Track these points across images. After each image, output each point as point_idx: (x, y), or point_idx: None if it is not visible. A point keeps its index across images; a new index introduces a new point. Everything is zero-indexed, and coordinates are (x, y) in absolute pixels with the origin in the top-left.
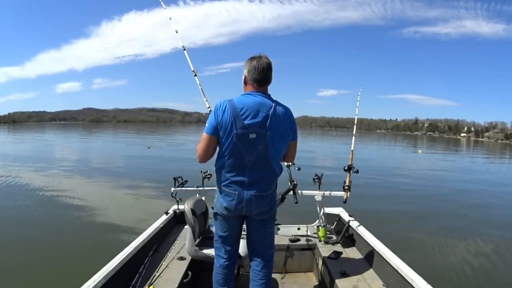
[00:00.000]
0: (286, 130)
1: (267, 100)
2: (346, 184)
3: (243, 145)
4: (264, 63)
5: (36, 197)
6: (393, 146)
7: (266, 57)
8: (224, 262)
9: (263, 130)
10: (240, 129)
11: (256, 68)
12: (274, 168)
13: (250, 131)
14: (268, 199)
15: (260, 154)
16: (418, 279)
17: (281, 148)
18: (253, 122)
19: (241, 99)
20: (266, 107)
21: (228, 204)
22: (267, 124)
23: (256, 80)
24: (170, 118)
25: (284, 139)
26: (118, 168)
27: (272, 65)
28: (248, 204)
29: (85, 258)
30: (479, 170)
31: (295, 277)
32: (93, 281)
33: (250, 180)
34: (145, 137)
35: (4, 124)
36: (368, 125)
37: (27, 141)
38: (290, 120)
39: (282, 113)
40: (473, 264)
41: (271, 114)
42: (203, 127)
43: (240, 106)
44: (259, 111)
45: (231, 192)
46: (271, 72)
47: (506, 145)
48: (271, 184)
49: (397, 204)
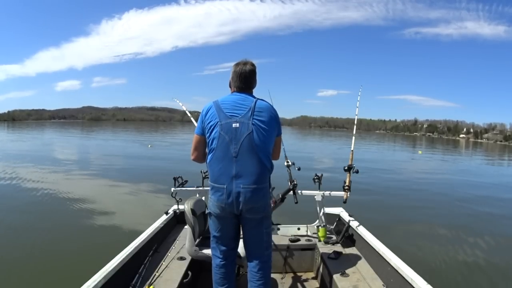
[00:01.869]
0: (270, 122)
1: (249, 97)
2: (346, 184)
3: (227, 135)
4: (245, 70)
5: (36, 196)
6: (392, 146)
7: (250, 63)
8: (220, 261)
9: (245, 120)
10: (223, 119)
11: (238, 75)
12: (262, 160)
13: (233, 121)
14: (260, 195)
15: (245, 143)
16: (418, 279)
17: (266, 140)
18: (235, 113)
19: (225, 97)
20: (248, 101)
21: (219, 200)
22: (249, 114)
23: (237, 87)
24: (170, 117)
25: (269, 132)
26: (118, 167)
27: (256, 70)
28: (237, 197)
29: (85, 258)
30: (480, 170)
31: (295, 277)
32: (93, 281)
33: (237, 171)
34: (145, 136)
35: (3, 122)
36: (367, 125)
37: (26, 139)
38: (272, 113)
39: (264, 106)
40: (473, 264)
41: (253, 106)
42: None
43: (223, 102)
44: (241, 104)
45: (220, 187)
46: (253, 79)
47: (505, 147)
48: (261, 178)
49: (397, 204)
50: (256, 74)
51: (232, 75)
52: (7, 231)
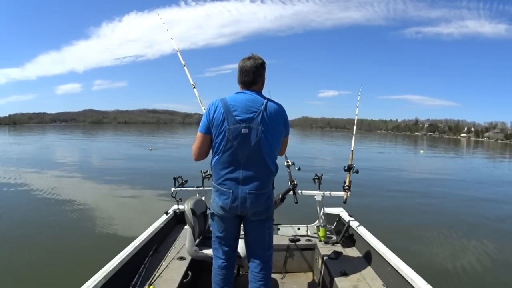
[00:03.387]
0: (279, 126)
1: (259, 97)
2: (346, 184)
3: (235, 140)
4: (249, 65)
5: (37, 197)
6: (394, 146)
7: (255, 58)
8: (222, 262)
9: (255, 125)
10: (232, 124)
11: (241, 70)
12: (269, 165)
13: (242, 126)
14: (264, 199)
15: (253, 150)
16: (418, 279)
17: (274, 144)
18: (245, 118)
19: (233, 96)
20: (258, 103)
21: (223, 203)
22: (259, 119)
23: (241, 82)
24: (171, 120)
25: (277, 135)
26: (118, 169)
27: (265, 65)
28: (243, 203)
29: (85, 258)
30: (481, 170)
31: (295, 277)
32: (93, 281)
33: (244, 176)
34: (146, 139)
35: (4, 125)
36: (368, 125)
37: (27, 143)
38: (282, 116)
39: (274, 109)
40: (474, 264)
41: (263, 109)
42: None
43: (232, 103)
44: (251, 107)
45: (226, 190)
46: (259, 73)
47: (506, 145)
48: (267, 183)
49: (397, 204)
50: (264, 69)
51: (238, 70)
52: (7, 231)
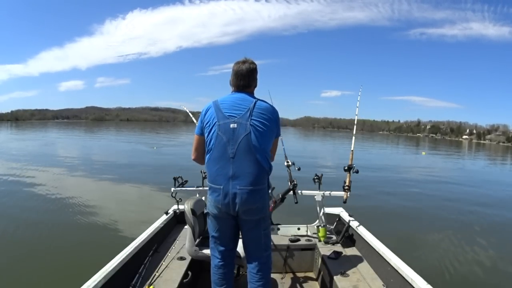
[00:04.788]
0: (270, 123)
1: (249, 97)
2: (346, 184)
3: (225, 135)
4: (244, 69)
5: (37, 196)
6: (395, 147)
7: (249, 62)
8: (218, 262)
9: (243, 121)
10: (221, 120)
11: (236, 73)
12: (260, 161)
13: (231, 121)
14: (257, 197)
15: (242, 145)
16: (418, 279)
17: (264, 141)
18: (234, 113)
19: (224, 97)
20: (247, 101)
21: (215, 200)
22: (248, 115)
23: (235, 85)
24: (173, 118)
25: (267, 133)
26: (119, 168)
27: (257, 68)
28: (233, 199)
29: (85, 258)
30: (482, 171)
31: (295, 277)
32: (93, 281)
33: (234, 172)
34: (149, 137)
35: (7, 121)
36: (370, 126)
37: (30, 139)
38: (273, 115)
39: (264, 107)
40: (474, 264)
41: (252, 107)
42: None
43: (222, 102)
44: (240, 104)
45: (217, 187)
46: (253, 77)
47: (508, 148)
48: (259, 180)
49: (397, 204)
50: (257, 72)
51: (231, 74)
52: (7, 230)
